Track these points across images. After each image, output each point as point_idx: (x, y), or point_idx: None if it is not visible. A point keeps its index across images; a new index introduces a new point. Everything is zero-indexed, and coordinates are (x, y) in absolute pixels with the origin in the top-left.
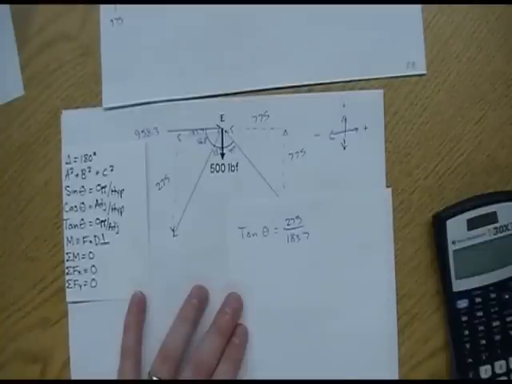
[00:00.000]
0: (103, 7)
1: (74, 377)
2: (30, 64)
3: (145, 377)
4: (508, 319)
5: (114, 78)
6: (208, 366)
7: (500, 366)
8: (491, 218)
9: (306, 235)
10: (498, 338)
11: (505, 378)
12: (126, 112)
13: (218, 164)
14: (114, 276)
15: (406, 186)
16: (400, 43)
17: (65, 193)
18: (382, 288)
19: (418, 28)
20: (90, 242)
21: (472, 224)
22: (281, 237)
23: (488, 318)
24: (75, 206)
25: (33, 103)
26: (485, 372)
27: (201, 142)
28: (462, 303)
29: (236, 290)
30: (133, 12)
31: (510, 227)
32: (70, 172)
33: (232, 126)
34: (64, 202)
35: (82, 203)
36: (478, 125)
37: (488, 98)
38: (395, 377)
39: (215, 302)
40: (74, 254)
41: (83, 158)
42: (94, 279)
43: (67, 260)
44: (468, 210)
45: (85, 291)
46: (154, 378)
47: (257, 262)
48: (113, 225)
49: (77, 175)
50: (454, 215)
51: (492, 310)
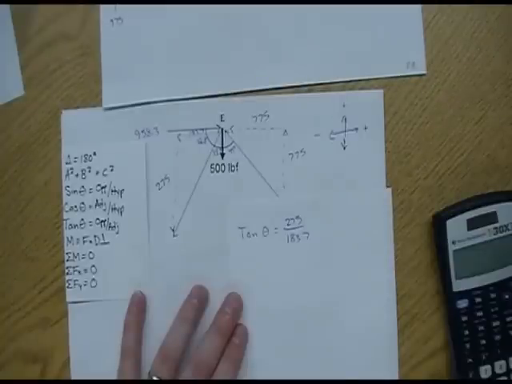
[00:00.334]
0: (103, 7)
1: (74, 377)
2: (30, 64)
3: (145, 377)
4: (508, 319)
5: (114, 78)
6: (208, 366)
7: (500, 366)
8: (491, 218)
9: (306, 235)
10: (497, 338)
11: (505, 378)
12: (125, 112)
13: (217, 164)
14: (114, 276)
15: (406, 185)
16: (400, 43)
17: (65, 193)
18: (382, 288)
19: (418, 28)
20: (90, 242)
21: (472, 224)
22: (281, 237)
23: (488, 318)
24: (75, 206)
25: (33, 103)
26: (485, 372)
27: (201, 142)
28: (462, 303)
29: (236, 289)
30: (133, 12)
31: (510, 227)
32: (70, 172)
33: (232, 126)
34: (64, 202)
35: (82, 203)
36: (477, 125)
37: (488, 97)
38: (395, 377)
39: (215, 302)
40: (73, 253)
41: (83, 158)
42: (93, 279)
43: (67, 260)
44: (468, 209)
45: (85, 291)
46: (154, 378)
47: (257, 261)
48: (113, 225)
49: (77, 175)
50: (454, 215)
51: (492, 310)
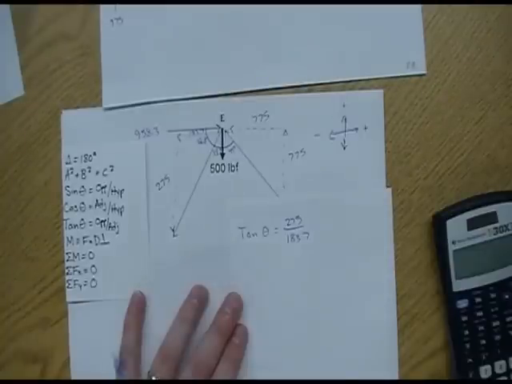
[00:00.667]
0: (103, 7)
1: (74, 377)
2: (30, 64)
3: (145, 377)
4: (508, 319)
5: (114, 78)
6: (208, 366)
7: (500, 366)
8: (491, 218)
9: (306, 235)
10: (497, 338)
11: (505, 378)
12: (125, 112)
13: (217, 164)
14: (113, 276)
15: (406, 185)
16: (400, 43)
17: (65, 193)
18: (382, 288)
19: (418, 28)
20: (90, 242)
21: (472, 224)
22: (281, 237)
23: (488, 318)
24: (75, 206)
25: (33, 103)
26: (485, 372)
27: (201, 142)
28: (462, 303)
29: (236, 290)
30: (133, 12)
31: (510, 227)
32: (70, 172)
33: (232, 126)
34: (64, 202)
35: (82, 203)
36: (478, 125)
37: (488, 97)
38: (395, 377)
39: (215, 302)
40: (74, 253)
41: (83, 158)
42: (94, 279)
43: (67, 260)
44: (468, 209)
45: (85, 291)
46: (154, 378)
47: (257, 262)
48: (113, 225)
49: (77, 175)
50: (454, 215)
51: (492, 310)
